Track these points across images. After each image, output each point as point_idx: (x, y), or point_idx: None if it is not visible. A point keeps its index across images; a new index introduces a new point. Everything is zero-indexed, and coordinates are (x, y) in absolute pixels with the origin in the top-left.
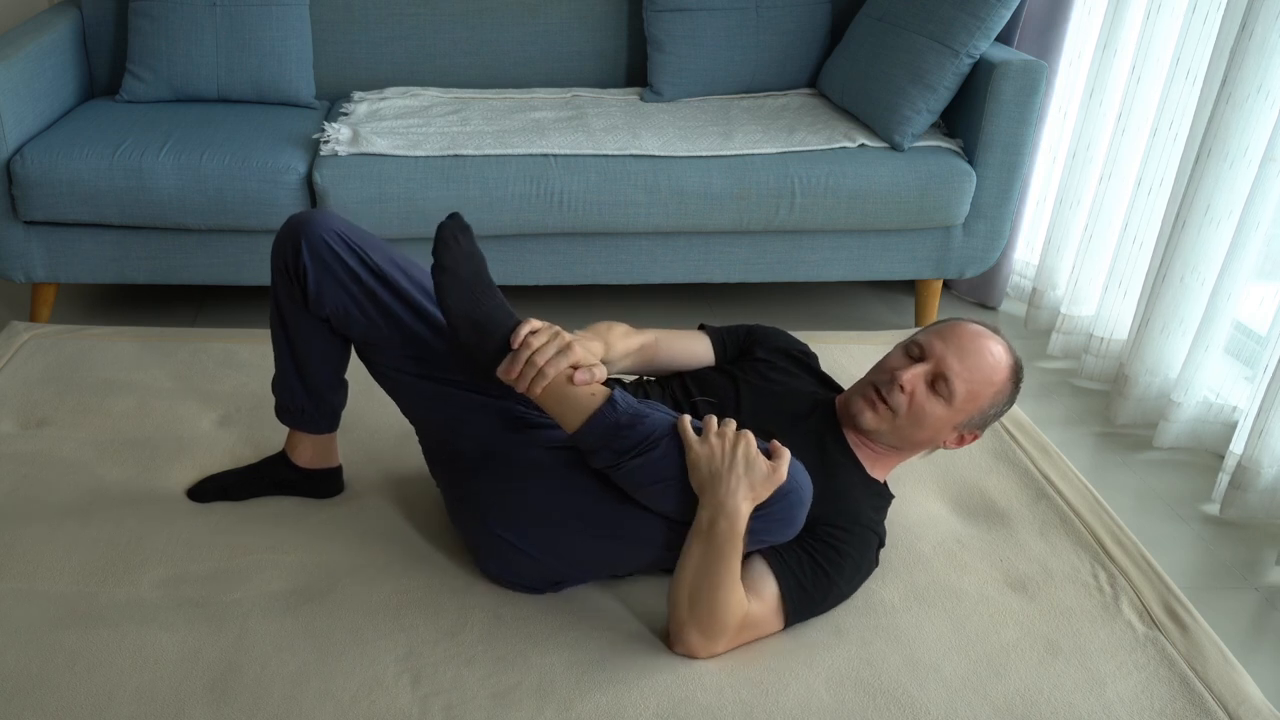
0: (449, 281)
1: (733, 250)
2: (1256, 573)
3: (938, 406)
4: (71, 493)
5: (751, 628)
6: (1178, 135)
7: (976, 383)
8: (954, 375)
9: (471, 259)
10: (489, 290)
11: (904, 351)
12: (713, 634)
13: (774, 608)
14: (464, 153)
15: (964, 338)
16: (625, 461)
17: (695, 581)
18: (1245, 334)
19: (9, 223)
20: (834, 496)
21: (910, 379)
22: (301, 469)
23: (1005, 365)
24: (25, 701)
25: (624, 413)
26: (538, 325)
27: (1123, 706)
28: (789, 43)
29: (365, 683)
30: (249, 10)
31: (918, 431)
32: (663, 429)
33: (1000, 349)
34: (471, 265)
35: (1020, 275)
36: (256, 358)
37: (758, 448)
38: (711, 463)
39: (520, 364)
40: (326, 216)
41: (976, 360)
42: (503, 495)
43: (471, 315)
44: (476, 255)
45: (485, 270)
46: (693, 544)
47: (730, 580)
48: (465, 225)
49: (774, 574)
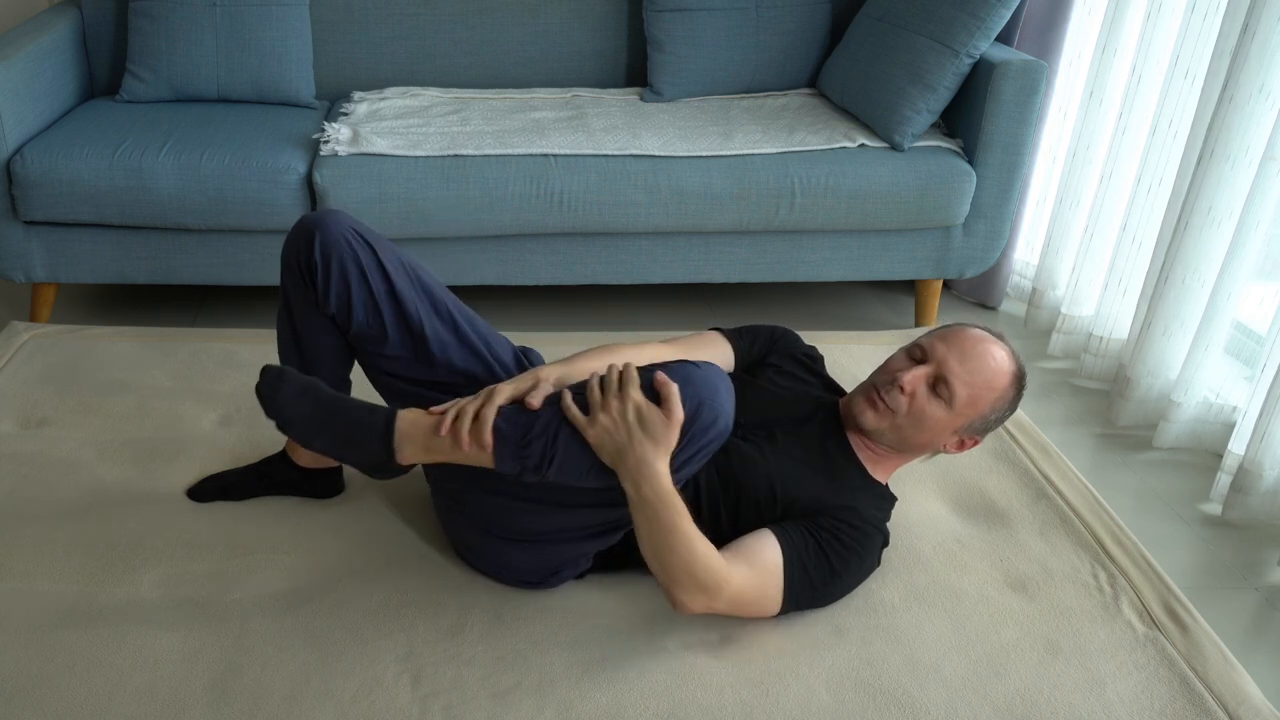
0: (301, 430)
1: (733, 250)
2: (1257, 573)
3: (938, 409)
4: (71, 493)
5: (747, 590)
6: (1178, 135)
7: (977, 387)
8: (954, 378)
9: (304, 394)
10: (337, 407)
11: (906, 354)
12: (698, 589)
13: (772, 579)
14: (464, 153)
15: (967, 342)
16: (545, 469)
17: (654, 547)
18: (1245, 334)
19: (9, 223)
20: (838, 494)
21: (911, 380)
22: (302, 469)
23: (1008, 371)
24: (25, 701)
25: (512, 431)
26: (455, 403)
27: (1123, 706)
28: (789, 43)
29: (365, 683)
30: (249, 10)
31: (917, 433)
32: (555, 424)
33: (1004, 355)
34: (309, 400)
35: (1020, 275)
36: (256, 358)
37: (644, 396)
38: (610, 439)
39: (449, 423)
40: (341, 215)
41: (978, 364)
42: (481, 491)
43: (340, 438)
44: (308, 387)
45: (323, 391)
46: (635, 516)
47: (681, 537)
48: (277, 371)
49: (780, 546)
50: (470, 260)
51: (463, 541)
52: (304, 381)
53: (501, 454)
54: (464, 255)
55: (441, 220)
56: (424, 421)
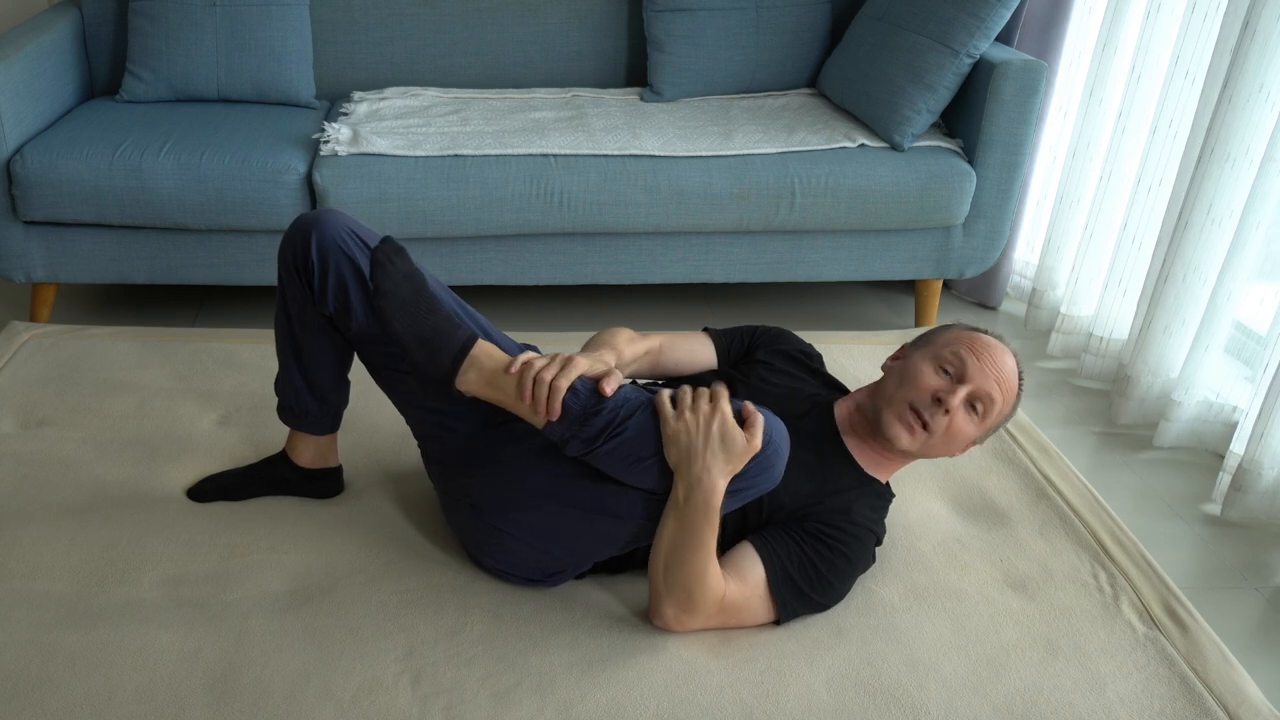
0: (390, 305)
1: (733, 250)
2: (1257, 573)
3: (971, 425)
4: (71, 493)
5: (732, 610)
6: (1178, 135)
7: (1008, 401)
8: (994, 394)
9: (410, 279)
10: (432, 307)
11: (935, 367)
12: (688, 608)
13: (759, 594)
14: (464, 153)
15: (994, 354)
16: (598, 447)
17: (670, 554)
18: (1245, 334)
19: (9, 223)
20: (827, 496)
21: (958, 402)
22: (302, 469)
23: (1017, 376)
24: (25, 701)
25: (586, 399)
26: (532, 356)
27: (1123, 706)
28: (789, 43)
29: (365, 683)
30: (249, 10)
31: (947, 448)
32: (629, 408)
33: (1014, 362)
34: (411, 285)
35: (1020, 275)
36: (256, 358)
37: (733, 415)
38: (688, 438)
39: (529, 386)
40: (337, 215)
41: (1006, 377)
42: (493, 485)
43: (419, 334)
44: (415, 274)
45: (426, 287)
46: (669, 516)
47: (704, 554)
48: (399, 247)
49: (761, 560)
50: (470, 260)
51: (467, 535)
52: (414, 267)
53: (562, 415)
54: (464, 255)
55: (441, 220)
56: (499, 359)
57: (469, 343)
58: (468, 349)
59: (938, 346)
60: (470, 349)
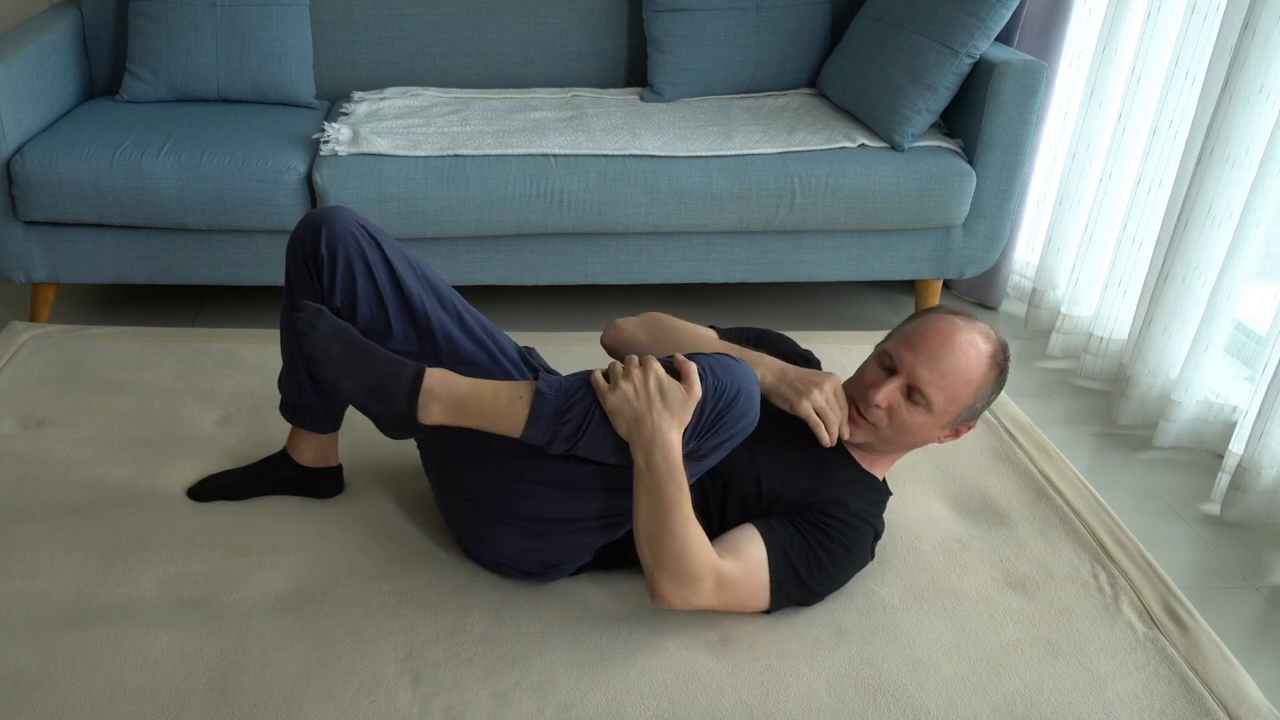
0: (328, 370)
1: (733, 250)
2: (1257, 573)
3: (919, 415)
4: (71, 492)
5: (731, 586)
6: (1178, 135)
7: (953, 387)
8: (927, 386)
9: (337, 337)
10: (370, 354)
11: (877, 361)
12: (682, 580)
13: (758, 574)
14: (464, 153)
15: (933, 342)
16: (579, 441)
17: (649, 526)
18: (1245, 334)
19: (9, 223)
20: (827, 487)
21: (885, 396)
22: (302, 468)
23: (984, 357)
24: (25, 701)
25: (556, 397)
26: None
27: (1123, 706)
28: (789, 43)
29: (365, 683)
30: (249, 10)
31: (906, 438)
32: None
33: (976, 341)
34: (340, 343)
35: (1020, 275)
36: (256, 358)
37: (665, 370)
38: (629, 406)
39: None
40: (347, 211)
41: (949, 364)
42: (486, 478)
43: (366, 386)
44: (341, 330)
45: (356, 339)
46: (638, 489)
47: (680, 517)
48: (316, 309)
49: (763, 539)
50: (470, 260)
51: (465, 530)
52: (338, 324)
53: (537, 422)
54: (464, 255)
55: (441, 220)
56: (457, 383)
57: (419, 375)
58: (419, 381)
59: (890, 340)
60: (422, 381)
